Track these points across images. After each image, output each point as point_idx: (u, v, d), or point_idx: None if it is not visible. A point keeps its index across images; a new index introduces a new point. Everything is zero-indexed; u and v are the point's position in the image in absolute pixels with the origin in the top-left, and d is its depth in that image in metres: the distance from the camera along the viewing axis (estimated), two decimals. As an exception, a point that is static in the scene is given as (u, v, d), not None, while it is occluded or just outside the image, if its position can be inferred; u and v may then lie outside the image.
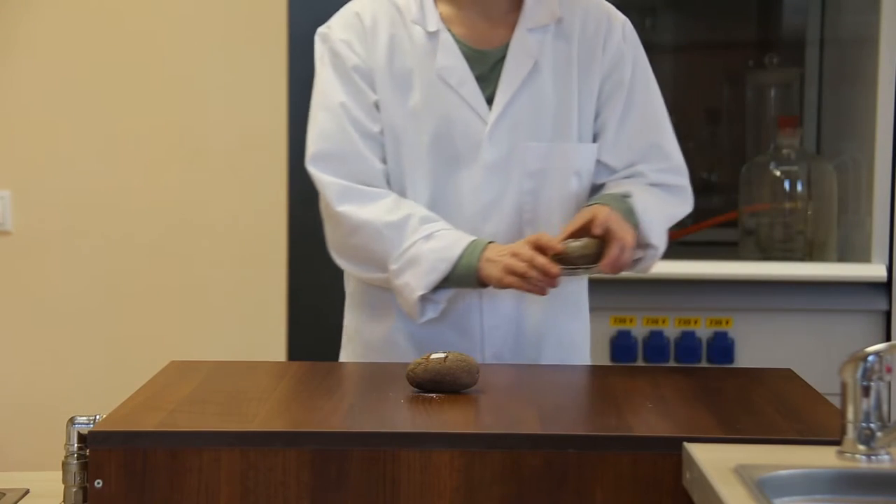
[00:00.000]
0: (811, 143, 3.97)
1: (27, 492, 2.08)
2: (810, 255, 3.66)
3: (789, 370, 2.38)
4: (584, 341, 2.59)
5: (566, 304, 2.53)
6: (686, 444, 1.82)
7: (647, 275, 3.34)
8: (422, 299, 2.40)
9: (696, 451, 1.78)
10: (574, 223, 2.37)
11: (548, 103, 2.46)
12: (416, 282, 2.39)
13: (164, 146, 3.73)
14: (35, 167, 3.74)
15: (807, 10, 4.06)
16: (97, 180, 3.73)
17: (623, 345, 3.49)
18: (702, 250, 3.69)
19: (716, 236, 3.87)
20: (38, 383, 3.75)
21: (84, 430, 1.88)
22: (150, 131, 3.73)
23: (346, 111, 2.46)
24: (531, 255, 2.33)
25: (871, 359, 1.75)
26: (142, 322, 3.74)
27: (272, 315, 3.74)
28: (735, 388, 2.24)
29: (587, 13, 2.50)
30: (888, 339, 3.44)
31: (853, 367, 1.75)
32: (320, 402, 2.11)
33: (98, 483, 1.85)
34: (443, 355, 2.11)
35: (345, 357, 2.59)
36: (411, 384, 2.13)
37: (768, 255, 3.68)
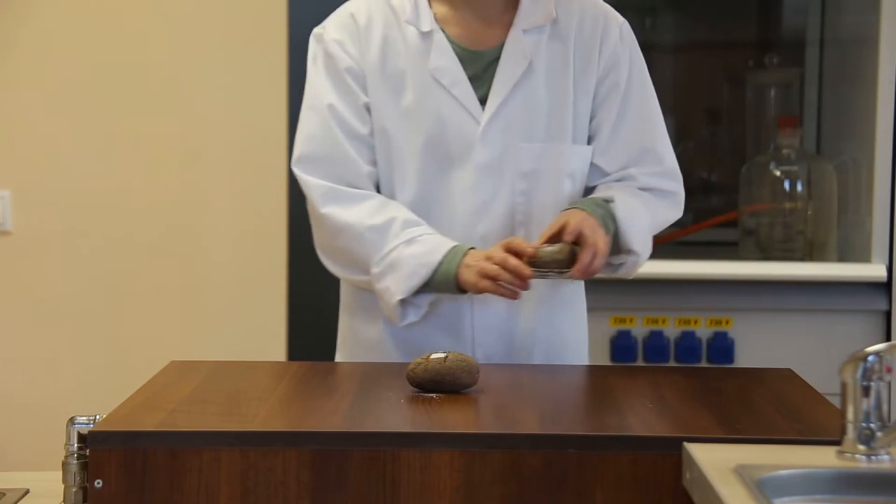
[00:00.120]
0: (811, 143, 3.97)
1: (27, 492, 2.08)
2: (810, 255, 3.66)
3: (789, 370, 2.38)
4: (580, 344, 2.57)
5: (561, 306, 2.52)
6: (686, 444, 1.82)
7: (647, 275, 3.34)
8: (402, 303, 2.41)
9: (696, 451, 1.78)
10: (549, 228, 2.37)
11: (542, 104, 2.45)
12: (395, 286, 2.39)
13: (164, 146, 3.73)
14: (35, 167, 3.74)
15: (807, 10, 4.06)
16: (97, 180, 3.73)
17: (623, 345, 3.49)
18: (702, 250, 3.69)
19: (716, 236, 3.87)
20: (38, 383, 3.75)
21: (84, 430, 1.88)
22: (150, 131, 3.73)
23: (334, 113, 2.46)
24: (503, 257, 2.33)
25: (871, 359, 1.75)
26: (142, 322, 3.74)
27: (272, 315, 3.74)
28: (735, 388, 2.24)
29: (584, 14, 2.49)
30: (888, 339, 3.44)
31: (853, 367, 1.75)
32: (320, 402, 2.11)
33: (98, 483, 1.85)
34: (443, 355, 2.11)
35: (339, 358, 2.59)
36: (411, 384, 2.13)
37: (768, 255, 3.68)
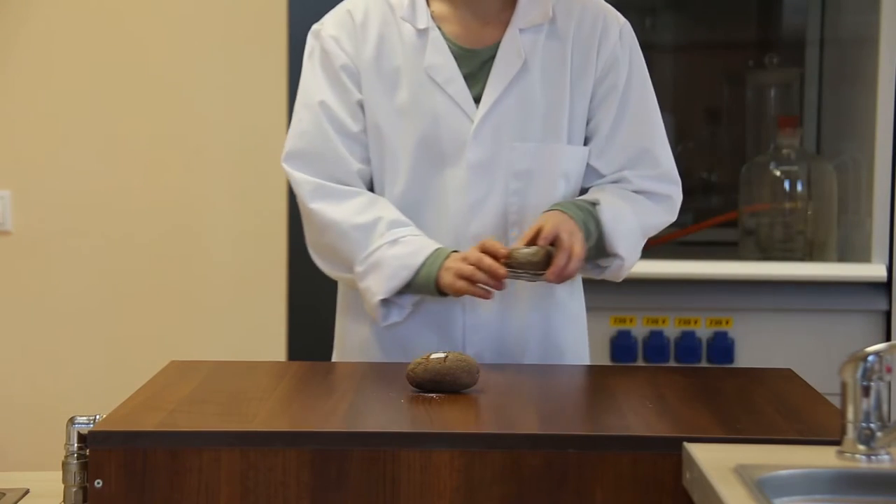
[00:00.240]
0: (811, 143, 3.97)
1: (27, 492, 2.08)
2: (810, 255, 3.66)
3: (789, 370, 2.38)
4: (580, 346, 2.56)
5: (555, 308, 2.50)
6: (686, 444, 1.82)
7: (647, 275, 3.34)
8: (386, 303, 2.41)
9: (696, 451, 1.78)
10: (529, 231, 2.37)
11: (537, 104, 2.44)
12: (377, 286, 2.40)
13: (164, 146, 3.73)
14: (35, 167, 3.74)
15: (807, 10, 4.06)
16: (97, 180, 3.73)
17: (623, 345, 3.49)
18: (702, 250, 3.69)
19: (716, 236, 3.87)
20: (38, 383, 3.76)
21: (84, 430, 1.88)
22: (150, 131, 3.73)
23: (326, 110, 2.46)
24: (479, 257, 2.33)
25: (871, 359, 1.75)
26: (142, 322, 3.74)
27: (272, 315, 3.74)
28: (735, 388, 2.24)
29: (583, 14, 2.48)
30: (888, 339, 3.44)
31: (853, 367, 1.75)
32: (320, 402, 2.11)
33: (98, 483, 1.85)
34: (443, 355, 2.11)
35: (335, 359, 2.59)
36: (411, 384, 2.13)
37: (768, 255, 3.68)
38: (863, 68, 3.59)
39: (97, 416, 1.92)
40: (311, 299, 3.67)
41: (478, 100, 2.44)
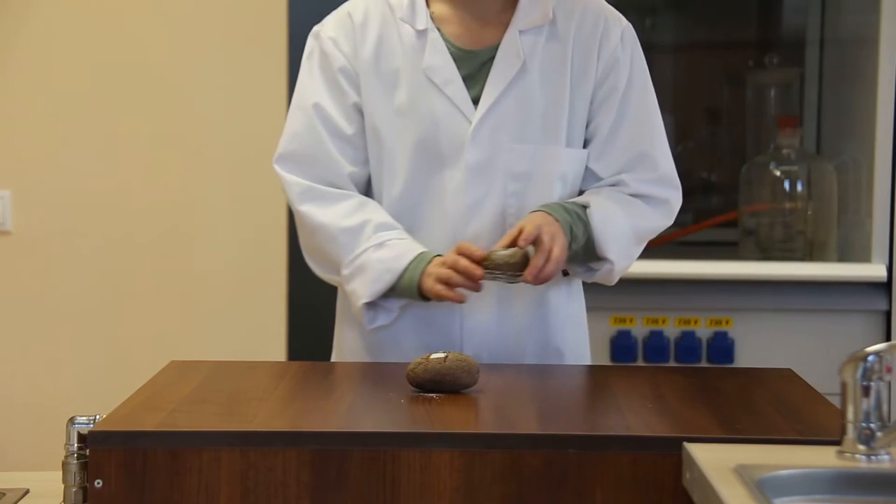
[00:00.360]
0: (811, 143, 3.97)
1: (27, 492, 2.08)
2: (810, 255, 3.66)
3: (789, 370, 2.38)
4: (580, 347, 2.55)
5: (554, 310, 2.49)
6: (686, 444, 1.82)
7: (647, 275, 3.34)
8: (371, 306, 2.41)
9: (696, 451, 1.78)
10: (511, 232, 2.36)
11: (536, 105, 2.43)
12: (362, 290, 2.40)
13: (164, 146, 3.73)
14: (35, 167, 3.74)
15: (807, 10, 4.06)
16: (97, 180, 3.73)
17: (623, 345, 3.49)
18: (702, 250, 3.69)
19: (716, 236, 3.87)
20: (38, 383, 3.75)
21: (84, 430, 1.88)
22: (150, 131, 3.73)
23: (320, 112, 2.46)
24: (455, 259, 2.33)
25: (871, 359, 1.75)
26: (142, 322, 3.74)
27: (272, 315, 3.74)
28: (735, 388, 2.24)
29: (584, 16, 2.46)
30: (888, 339, 3.44)
31: (853, 367, 1.75)
32: (320, 402, 2.11)
33: (98, 483, 1.85)
34: (443, 355, 2.11)
35: (334, 359, 2.59)
36: (411, 384, 2.13)
37: (768, 255, 3.68)
38: (863, 68, 3.59)
39: (97, 416, 1.92)
40: (311, 299, 3.67)
41: (477, 101, 2.43)
